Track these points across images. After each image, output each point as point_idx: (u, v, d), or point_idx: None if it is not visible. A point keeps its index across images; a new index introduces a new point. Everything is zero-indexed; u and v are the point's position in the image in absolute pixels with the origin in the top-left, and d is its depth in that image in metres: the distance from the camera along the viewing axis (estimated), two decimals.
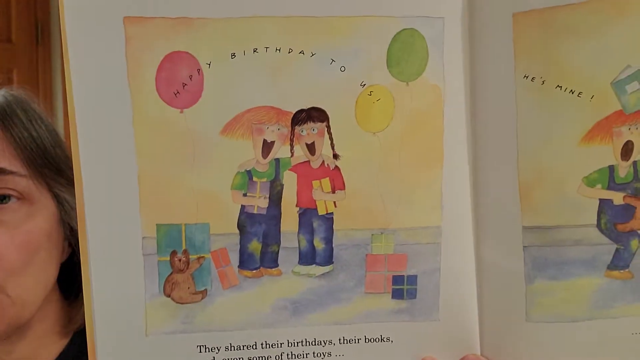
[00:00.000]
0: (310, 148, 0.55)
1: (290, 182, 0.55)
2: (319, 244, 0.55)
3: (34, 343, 0.70)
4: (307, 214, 0.55)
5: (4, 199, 0.64)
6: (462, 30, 0.55)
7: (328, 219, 0.55)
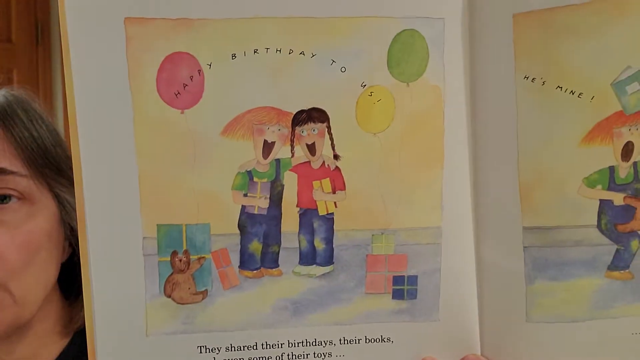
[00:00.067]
0: (311, 148, 0.55)
1: (291, 182, 0.55)
2: (320, 245, 0.55)
3: (35, 343, 0.70)
4: (307, 215, 0.55)
5: (5, 199, 0.64)
6: (462, 31, 0.55)
7: (328, 220, 0.55)
